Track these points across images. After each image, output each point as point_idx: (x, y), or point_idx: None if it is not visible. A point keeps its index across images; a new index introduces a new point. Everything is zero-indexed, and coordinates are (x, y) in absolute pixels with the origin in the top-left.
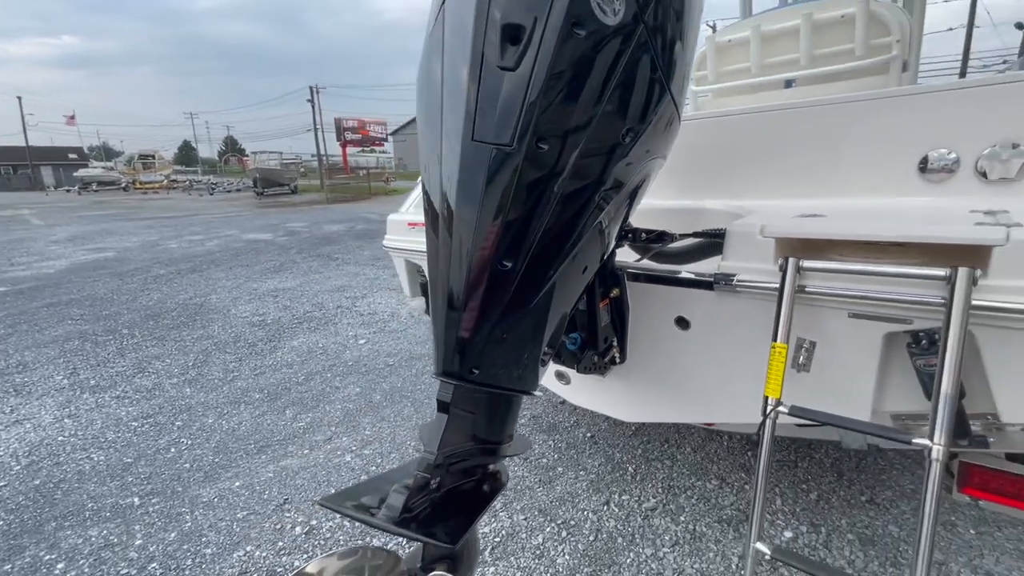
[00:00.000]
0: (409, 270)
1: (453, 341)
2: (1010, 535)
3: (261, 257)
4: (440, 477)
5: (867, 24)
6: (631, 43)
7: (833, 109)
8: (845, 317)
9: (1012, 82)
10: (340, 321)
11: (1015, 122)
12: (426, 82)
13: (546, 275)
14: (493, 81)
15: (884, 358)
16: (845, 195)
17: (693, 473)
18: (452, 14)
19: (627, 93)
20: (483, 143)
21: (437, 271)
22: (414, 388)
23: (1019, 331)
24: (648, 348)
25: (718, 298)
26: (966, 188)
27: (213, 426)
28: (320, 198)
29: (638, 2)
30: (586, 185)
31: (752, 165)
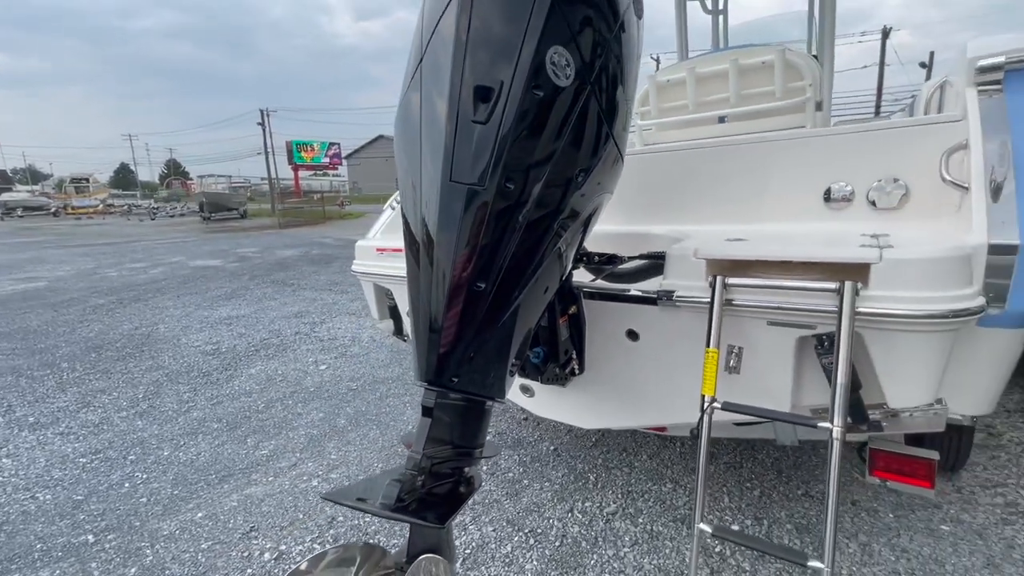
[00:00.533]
0: (377, 294)
1: (435, 353)
2: (922, 516)
3: (211, 284)
4: (425, 475)
5: (784, 70)
6: (580, 100)
7: (755, 147)
8: (764, 325)
9: (892, 128)
10: (299, 347)
11: (895, 160)
12: (405, 117)
13: (513, 294)
14: (467, 132)
15: (798, 359)
16: (766, 220)
17: (649, 478)
18: (430, 72)
19: (578, 139)
20: (459, 183)
21: (419, 291)
22: (379, 411)
23: (894, 331)
24: (604, 359)
25: (661, 312)
26: (860, 215)
27: (170, 458)
28: (272, 223)
29: (585, 68)
30: (546, 215)
31: (690, 194)
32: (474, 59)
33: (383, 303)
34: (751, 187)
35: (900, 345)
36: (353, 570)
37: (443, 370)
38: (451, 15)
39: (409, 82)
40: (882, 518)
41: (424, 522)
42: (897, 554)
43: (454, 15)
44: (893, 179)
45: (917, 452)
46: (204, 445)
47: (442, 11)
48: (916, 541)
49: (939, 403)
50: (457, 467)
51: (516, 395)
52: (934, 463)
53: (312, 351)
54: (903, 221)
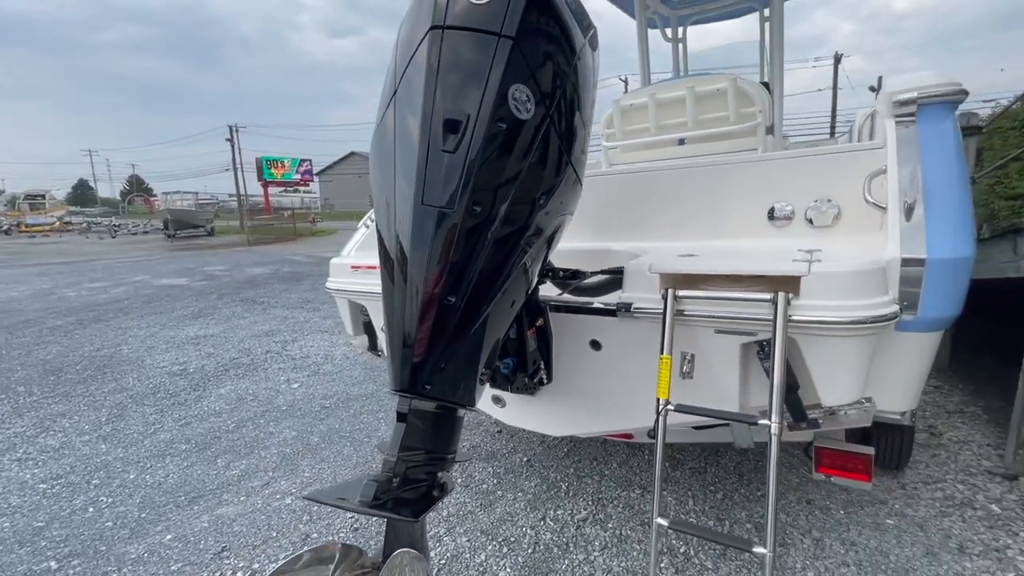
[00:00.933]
0: (352, 310)
1: (409, 362)
2: (869, 512)
3: (177, 303)
4: (400, 477)
5: (736, 97)
6: (540, 131)
7: (708, 170)
8: (712, 333)
9: (826, 153)
10: (270, 366)
11: (828, 183)
12: (380, 142)
13: (482, 308)
14: (438, 160)
15: (743, 363)
16: (717, 237)
17: (619, 485)
18: (404, 103)
19: (538, 166)
20: (431, 206)
21: (393, 305)
22: (353, 428)
23: (823, 336)
24: (570, 369)
25: (621, 323)
26: (800, 232)
27: (136, 481)
28: (240, 240)
29: (544, 103)
30: (510, 235)
31: (650, 213)
32: (443, 94)
33: (358, 319)
34: (704, 206)
35: (829, 349)
36: (331, 568)
37: (416, 378)
38: (422, 53)
39: (384, 111)
40: (834, 515)
41: (400, 516)
42: (847, 547)
43: (425, 53)
44: (827, 200)
45: (855, 448)
46: (172, 467)
47: (415, 48)
48: (864, 535)
49: (868, 400)
50: (431, 471)
51: (488, 406)
52: (871, 458)
53: (284, 370)
54: (836, 237)
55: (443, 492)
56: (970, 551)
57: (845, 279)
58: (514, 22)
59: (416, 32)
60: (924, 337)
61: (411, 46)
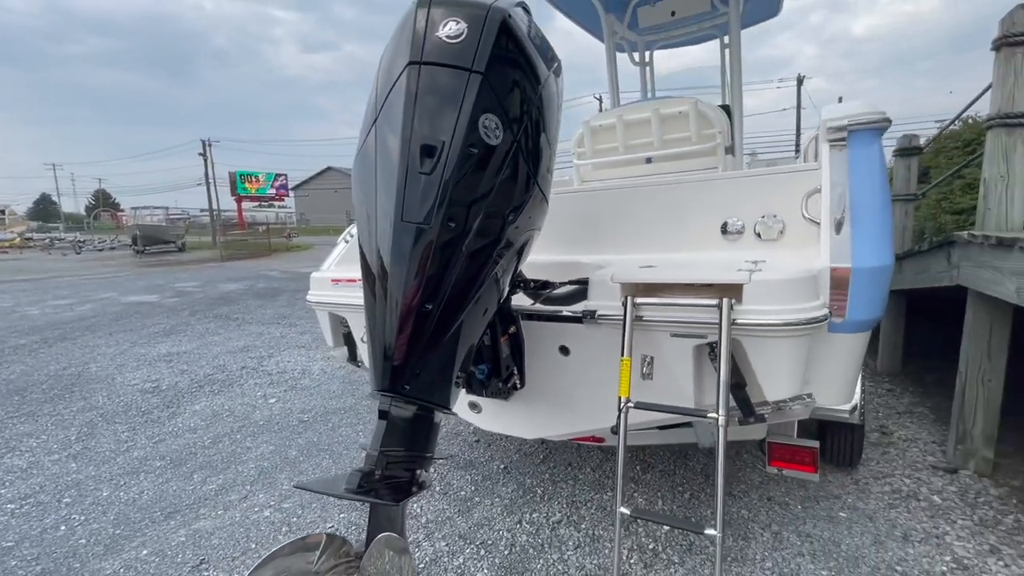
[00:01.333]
0: (332, 322)
1: (390, 365)
2: (824, 506)
3: (147, 320)
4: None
5: (697, 119)
6: (508, 155)
7: (668, 188)
8: (668, 337)
9: (772, 174)
10: (246, 382)
11: (775, 200)
12: (362, 163)
13: (457, 315)
14: (416, 181)
15: (696, 364)
16: (676, 250)
17: (592, 488)
18: (383, 131)
19: (508, 185)
20: (409, 222)
21: (375, 311)
22: (331, 441)
23: (764, 338)
24: (541, 373)
25: (587, 329)
26: (749, 245)
27: (109, 498)
28: (213, 255)
29: (512, 129)
30: (483, 248)
31: (616, 227)
32: (420, 122)
33: (338, 331)
34: (666, 221)
35: (769, 348)
36: (316, 555)
37: (397, 379)
38: (401, 84)
39: (367, 135)
40: (792, 509)
41: (383, 501)
42: (803, 539)
43: (404, 85)
44: (773, 216)
45: (803, 442)
46: (147, 484)
47: (394, 80)
48: (819, 527)
49: (809, 396)
50: (410, 468)
51: (465, 412)
52: (816, 451)
53: (260, 385)
54: (780, 250)
55: (421, 488)
56: (913, 538)
57: (781, 286)
58: (484, 58)
59: (396, 65)
60: (852, 338)
61: (391, 77)
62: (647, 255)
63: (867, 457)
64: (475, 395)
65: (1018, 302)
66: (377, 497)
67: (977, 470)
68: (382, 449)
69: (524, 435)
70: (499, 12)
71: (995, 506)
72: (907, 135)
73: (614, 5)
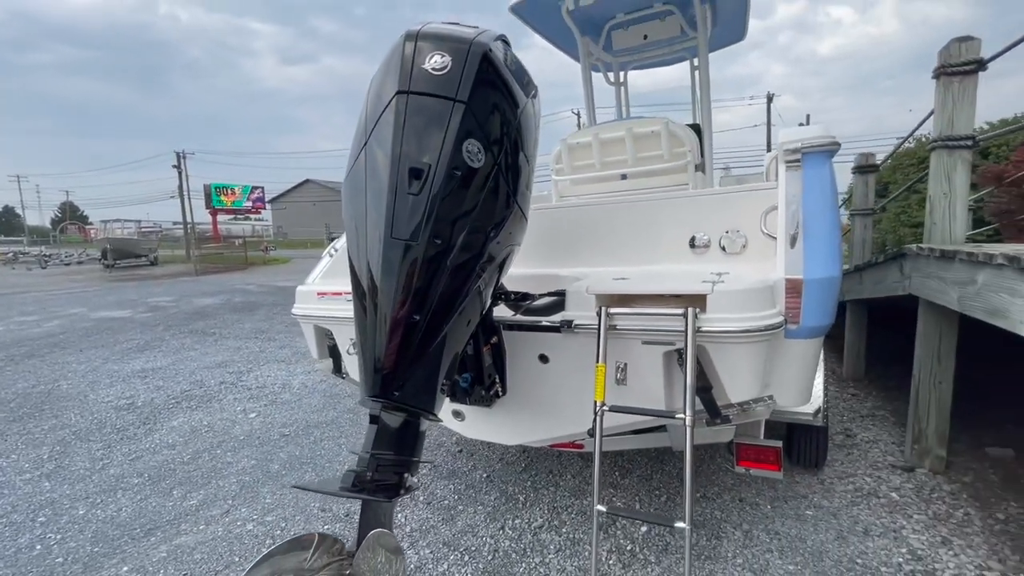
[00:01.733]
0: (318, 334)
1: (380, 372)
2: (792, 505)
3: (120, 336)
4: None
5: (668, 138)
6: (489, 176)
7: (641, 204)
8: (640, 344)
9: (735, 192)
10: (225, 397)
11: (738, 216)
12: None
13: (442, 325)
14: (404, 200)
15: (666, 369)
16: (648, 263)
17: (572, 495)
18: (373, 153)
19: (489, 204)
20: (398, 239)
21: (365, 322)
22: (314, 455)
23: (726, 343)
24: (521, 381)
25: (565, 338)
26: (715, 258)
27: (86, 516)
28: (187, 269)
29: (493, 152)
30: (466, 262)
31: (592, 241)
32: (408, 147)
33: (323, 343)
34: (638, 236)
35: (731, 353)
36: (309, 553)
37: (387, 385)
38: (391, 112)
39: (357, 156)
40: (762, 509)
41: (376, 497)
42: (771, 536)
43: (393, 112)
44: (736, 231)
45: (767, 442)
46: (125, 501)
47: (384, 107)
48: (786, 525)
49: (769, 398)
50: (399, 472)
51: (449, 421)
52: (779, 450)
53: (240, 400)
54: (743, 263)
55: (409, 491)
56: (873, 533)
57: (740, 296)
58: (467, 89)
59: (386, 92)
60: (807, 343)
61: (381, 103)
62: (621, 268)
63: (832, 458)
64: (459, 403)
65: (960, 309)
66: (371, 493)
67: (932, 468)
68: (373, 452)
69: (506, 441)
70: (481, 46)
71: (947, 501)
72: (863, 153)
73: (590, 28)
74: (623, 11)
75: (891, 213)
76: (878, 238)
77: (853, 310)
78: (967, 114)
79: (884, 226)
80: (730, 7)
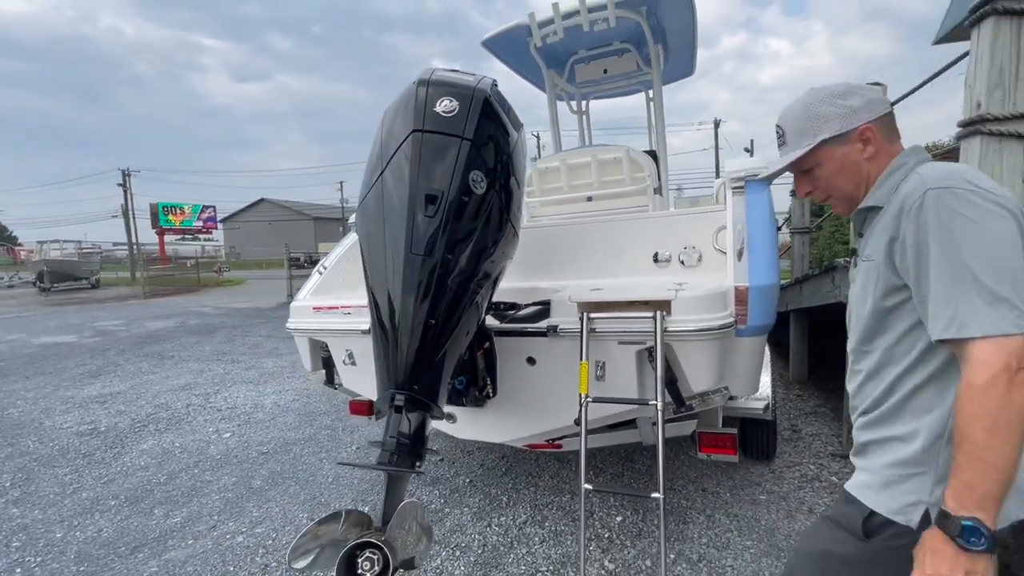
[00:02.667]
0: (312, 347)
1: (404, 368)
2: (748, 492)
3: (68, 362)
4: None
5: (628, 164)
6: (490, 199)
7: (608, 224)
8: (616, 344)
9: (691, 214)
10: (195, 419)
11: (694, 235)
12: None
13: (452, 329)
14: (422, 221)
15: (639, 366)
16: (616, 276)
17: (552, 492)
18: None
19: (489, 223)
20: (416, 254)
21: (386, 326)
22: (295, 470)
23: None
24: (511, 383)
25: (550, 342)
26: (675, 271)
27: (65, 539)
28: (133, 292)
29: (491, 181)
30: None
31: (566, 258)
32: (424, 177)
33: (317, 355)
34: (607, 252)
35: (692, 350)
36: (340, 525)
37: (408, 379)
38: (407, 147)
39: (373, 184)
40: (722, 496)
41: (404, 469)
42: (731, 519)
43: (409, 148)
44: (693, 247)
45: (724, 430)
46: (104, 522)
47: (400, 142)
48: (743, 508)
49: (725, 388)
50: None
51: (442, 424)
52: (735, 436)
53: (211, 421)
54: (700, 274)
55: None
56: (816, 510)
57: (699, 301)
58: (472, 128)
59: (402, 130)
60: (754, 340)
61: (397, 140)
62: (595, 280)
63: (781, 450)
64: (453, 405)
65: None
66: (400, 466)
67: None
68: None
69: (497, 439)
70: (482, 92)
71: None
72: None
73: (554, 62)
74: (585, 48)
75: (827, 231)
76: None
77: (796, 319)
78: None
79: (821, 243)
80: (679, 46)
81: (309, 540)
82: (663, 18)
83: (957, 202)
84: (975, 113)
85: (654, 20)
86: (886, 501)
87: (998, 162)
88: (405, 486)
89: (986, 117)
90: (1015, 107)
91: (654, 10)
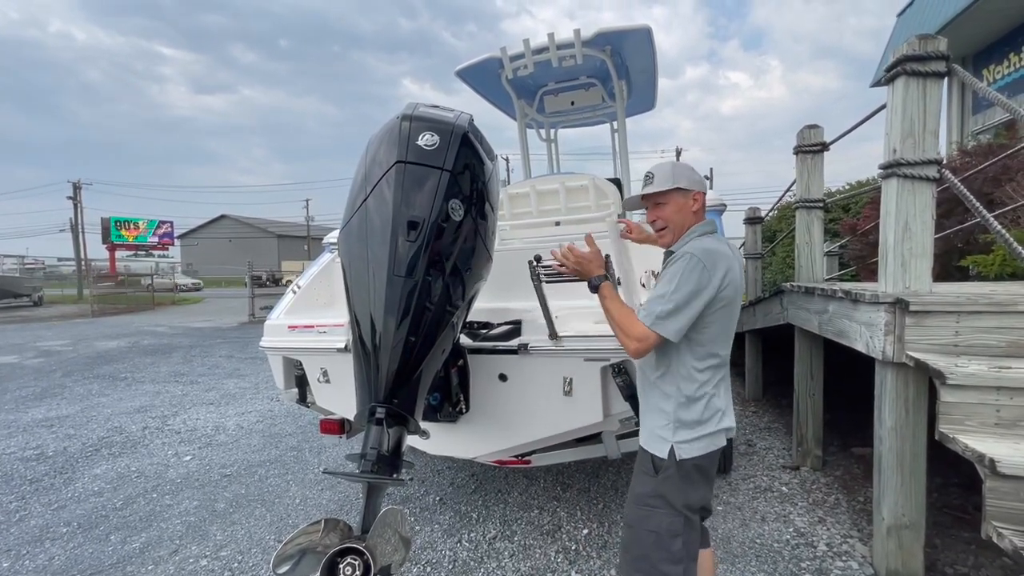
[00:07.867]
0: (286, 365)
1: (385, 383)
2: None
3: (9, 384)
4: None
5: (594, 191)
6: (466, 224)
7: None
8: (583, 360)
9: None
10: (152, 442)
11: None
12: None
13: (430, 347)
14: (403, 244)
15: (604, 381)
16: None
17: (521, 508)
18: (374, 207)
19: (467, 247)
20: (398, 276)
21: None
22: (261, 492)
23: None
24: (483, 398)
25: (521, 359)
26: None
27: (13, 569)
28: (80, 310)
29: (467, 207)
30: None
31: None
32: (406, 205)
33: (290, 373)
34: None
35: None
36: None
37: (389, 393)
38: (390, 176)
39: (357, 209)
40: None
41: (387, 478)
42: None
43: (392, 177)
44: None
45: None
46: (56, 550)
47: (384, 172)
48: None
49: None
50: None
51: (415, 440)
52: None
53: (170, 444)
54: None
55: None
56: (768, 519)
57: None
58: (451, 160)
59: (386, 160)
60: None
61: (381, 169)
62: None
63: (737, 464)
64: (427, 421)
65: (820, 333)
66: (383, 477)
67: (812, 466)
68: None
69: (470, 454)
70: (461, 128)
71: (823, 491)
72: (751, 207)
73: (525, 93)
74: (554, 80)
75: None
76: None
77: (751, 340)
78: (818, 182)
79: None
80: (642, 83)
81: (291, 547)
82: (626, 57)
83: (687, 261)
84: (891, 158)
85: (618, 59)
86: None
87: (911, 200)
88: (383, 497)
89: (900, 161)
90: (924, 153)
91: (618, 49)
